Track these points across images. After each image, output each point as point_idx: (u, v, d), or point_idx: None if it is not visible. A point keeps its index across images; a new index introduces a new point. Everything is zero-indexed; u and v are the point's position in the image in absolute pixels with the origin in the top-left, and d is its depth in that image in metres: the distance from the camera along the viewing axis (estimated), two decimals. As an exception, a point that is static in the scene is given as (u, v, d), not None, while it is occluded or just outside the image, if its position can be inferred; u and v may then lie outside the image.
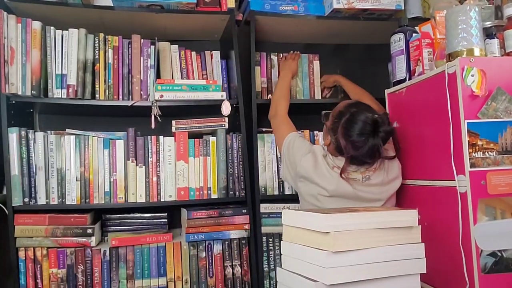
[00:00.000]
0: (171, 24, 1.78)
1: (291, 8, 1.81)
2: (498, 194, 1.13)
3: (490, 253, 1.11)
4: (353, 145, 1.33)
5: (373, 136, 1.32)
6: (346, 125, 1.35)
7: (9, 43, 1.50)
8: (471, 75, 1.14)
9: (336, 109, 1.47)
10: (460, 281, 1.14)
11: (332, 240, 0.87)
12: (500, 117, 1.15)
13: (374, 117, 1.33)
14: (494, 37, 1.25)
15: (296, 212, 1.01)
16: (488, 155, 1.13)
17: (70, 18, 1.63)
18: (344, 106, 1.44)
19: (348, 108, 1.40)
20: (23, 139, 1.53)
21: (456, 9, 1.22)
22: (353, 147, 1.33)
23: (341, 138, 1.35)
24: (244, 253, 1.66)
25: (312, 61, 1.98)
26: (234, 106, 1.72)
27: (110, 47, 1.64)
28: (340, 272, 0.88)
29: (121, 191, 1.61)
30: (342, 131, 1.35)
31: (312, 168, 1.39)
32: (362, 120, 1.32)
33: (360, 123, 1.33)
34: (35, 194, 1.54)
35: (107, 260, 1.56)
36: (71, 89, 1.57)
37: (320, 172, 1.39)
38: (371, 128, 1.32)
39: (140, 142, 1.64)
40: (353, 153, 1.33)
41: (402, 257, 0.94)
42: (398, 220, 0.95)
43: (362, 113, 1.34)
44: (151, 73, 1.68)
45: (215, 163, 1.68)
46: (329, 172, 1.38)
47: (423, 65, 1.39)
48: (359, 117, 1.33)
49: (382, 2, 1.78)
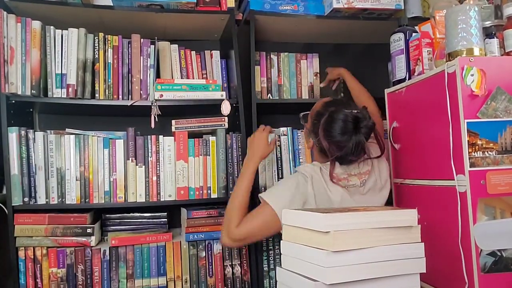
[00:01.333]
0: (171, 23, 1.78)
1: (290, 7, 1.81)
2: (498, 194, 1.13)
3: (489, 252, 1.11)
4: (337, 146, 1.28)
5: (356, 133, 1.27)
6: (326, 126, 1.29)
7: (8, 43, 1.50)
8: (471, 74, 1.14)
9: (314, 109, 1.42)
10: (459, 281, 1.14)
11: (332, 240, 0.87)
12: (500, 117, 1.15)
13: (354, 113, 1.27)
14: (494, 36, 1.25)
15: (296, 212, 1.01)
16: (488, 155, 1.14)
17: (69, 18, 1.63)
18: (321, 105, 1.38)
19: (326, 108, 1.33)
20: (22, 139, 1.53)
21: (455, 8, 1.22)
22: (337, 148, 1.28)
23: (323, 140, 1.29)
24: (244, 252, 1.66)
25: (300, 60, 1.97)
26: (234, 105, 1.72)
27: (110, 47, 1.64)
28: (340, 272, 0.88)
29: (121, 190, 1.61)
30: (323, 132, 1.29)
31: (317, 204, 1.29)
32: (342, 119, 1.27)
33: (341, 122, 1.27)
34: (35, 194, 1.54)
35: (107, 259, 1.56)
36: (70, 89, 1.57)
37: (323, 200, 1.29)
38: (353, 125, 1.27)
39: (140, 142, 1.64)
40: (338, 153, 1.28)
41: (401, 257, 0.94)
42: (398, 220, 0.95)
43: (341, 112, 1.28)
44: (151, 72, 1.68)
45: (215, 162, 1.69)
46: (330, 192, 1.30)
47: (422, 65, 1.39)
48: (339, 116, 1.28)
49: (382, 2, 1.78)
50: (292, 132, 1.80)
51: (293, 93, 1.96)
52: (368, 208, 1.03)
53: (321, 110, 1.35)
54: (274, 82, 1.94)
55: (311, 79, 1.99)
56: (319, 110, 1.37)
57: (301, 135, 1.81)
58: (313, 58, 2.00)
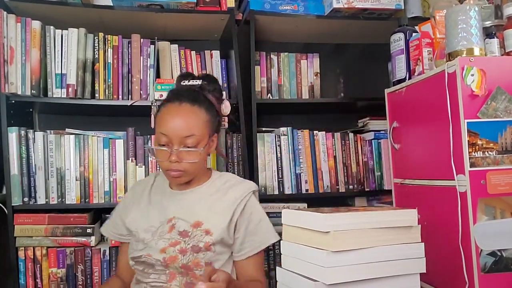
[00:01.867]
0: (171, 23, 1.78)
1: (290, 7, 1.81)
2: (498, 194, 1.13)
3: (489, 252, 1.11)
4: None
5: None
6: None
7: (8, 43, 1.50)
8: (471, 74, 1.14)
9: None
10: (459, 281, 1.14)
11: (332, 240, 0.87)
12: (500, 117, 1.15)
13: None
14: (494, 36, 1.25)
15: (296, 212, 1.01)
16: (488, 155, 1.13)
17: (69, 18, 1.63)
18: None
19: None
20: (22, 139, 1.53)
21: (456, 8, 1.22)
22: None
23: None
24: (244, 252, 1.66)
25: (300, 60, 1.97)
26: (233, 105, 1.71)
27: (109, 47, 1.64)
28: (340, 272, 0.88)
29: (121, 190, 1.61)
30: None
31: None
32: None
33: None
34: (35, 194, 1.54)
35: (106, 259, 1.56)
36: (70, 89, 1.57)
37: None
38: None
39: (140, 142, 1.64)
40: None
41: (402, 257, 0.94)
42: (398, 220, 0.95)
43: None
44: (151, 72, 1.67)
45: (214, 163, 1.68)
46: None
47: (423, 65, 1.39)
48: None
49: (382, 2, 1.78)
50: (292, 132, 1.80)
51: (293, 93, 1.96)
52: (368, 208, 1.03)
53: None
54: (274, 82, 1.94)
55: (311, 79, 1.99)
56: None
57: (301, 135, 1.81)
58: (313, 58, 2.00)
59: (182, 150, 1.13)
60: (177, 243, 1.13)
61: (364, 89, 2.02)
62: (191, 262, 1.11)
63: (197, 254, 1.12)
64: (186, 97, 1.18)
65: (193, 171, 1.18)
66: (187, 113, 1.16)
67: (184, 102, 1.17)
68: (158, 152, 1.16)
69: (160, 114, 1.18)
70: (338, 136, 1.85)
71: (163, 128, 1.14)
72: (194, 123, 1.15)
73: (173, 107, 1.17)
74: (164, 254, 1.12)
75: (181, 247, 1.12)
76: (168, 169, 1.14)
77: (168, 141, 1.13)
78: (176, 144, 1.13)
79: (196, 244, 1.12)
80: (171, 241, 1.14)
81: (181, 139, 1.13)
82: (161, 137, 1.14)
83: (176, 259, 1.11)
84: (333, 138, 1.84)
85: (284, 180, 1.77)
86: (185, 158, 1.13)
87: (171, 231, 1.15)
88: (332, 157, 1.83)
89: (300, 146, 1.80)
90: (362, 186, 1.85)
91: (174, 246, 1.13)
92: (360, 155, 1.87)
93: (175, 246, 1.13)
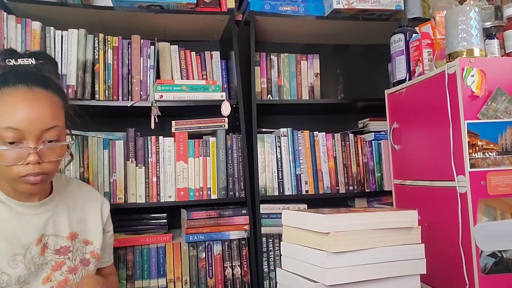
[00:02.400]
0: (171, 24, 1.78)
1: (291, 8, 1.81)
2: (498, 195, 1.13)
3: (490, 253, 1.11)
4: None
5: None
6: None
7: (8, 44, 1.50)
8: (471, 75, 1.14)
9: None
10: (460, 282, 1.14)
11: (332, 241, 0.87)
12: (500, 118, 1.15)
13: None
14: (494, 37, 1.25)
15: (296, 213, 1.01)
16: (488, 156, 1.13)
17: (69, 19, 1.63)
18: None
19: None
20: (22, 140, 1.53)
21: (456, 9, 1.22)
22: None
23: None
24: (244, 253, 1.66)
25: (300, 61, 1.97)
26: (234, 106, 1.72)
27: (109, 48, 1.64)
28: (340, 273, 0.88)
29: (121, 191, 1.61)
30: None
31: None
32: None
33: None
34: (35, 195, 1.54)
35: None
36: (70, 90, 1.57)
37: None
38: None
39: (140, 143, 1.64)
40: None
41: (402, 258, 0.94)
42: (398, 221, 0.95)
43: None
44: (151, 73, 1.68)
45: (214, 163, 1.68)
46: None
47: (423, 66, 1.39)
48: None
49: (382, 3, 1.78)
50: (292, 132, 1.80)
51: (293, 93, 1.96)
52: (368, 209, 1.02)
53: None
54: (274, 83, 1.94)
55: (311, 80, 1.99)
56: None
57: (301, 136, 1.81)
58: (313, 59, 2.00)
59: (43, 147, 0.89)
60: (61, 264, 0.96)
61: (364, 90, 2.02)
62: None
63: (88, 267, 1.01)
64: (33, 80, 0.91)
65: (54, 173, 0.95)
66: (43, 100, 0.90)
67: (33, 86, 0.90)
68: (5, 154, 0.87)
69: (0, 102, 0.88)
70: (338, 137, 1.86)
71: (10, 120, 0.86)
72: (55, 112, 0.91)
73: (20, 93, 0.88)
74: (50, 283, 0.94)
75: (68, 267, 0.97)
76: (25, 174, 0.87)
77: (19, 138, 0.87)
78: (33, 140, 0.87)
79: (83, 258, 1.00)
80: (52, 264, 0.95)
81: (40, 133, 0.88)
82: (7, 132, 0.86)
83: (67, 282, 0.96)
84: (333, 139, 1.84)
85: (284, 181, 1.77)
86: (48, 157, 0.89)
87: (44, 252, 0.95)
88: (332, 158, 1.83)
89: (300, 147, 1.80)
90: (362, 187, 1.85)
91: (59, 268, 0.95)
92: (360, 156, 1.87)
93: (61, 268, 0.96)
